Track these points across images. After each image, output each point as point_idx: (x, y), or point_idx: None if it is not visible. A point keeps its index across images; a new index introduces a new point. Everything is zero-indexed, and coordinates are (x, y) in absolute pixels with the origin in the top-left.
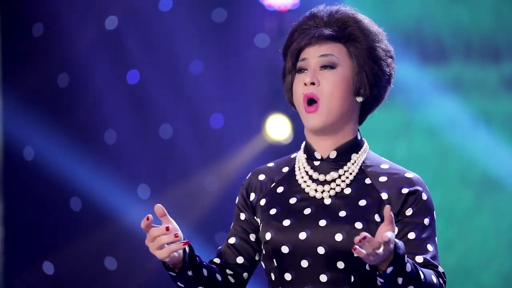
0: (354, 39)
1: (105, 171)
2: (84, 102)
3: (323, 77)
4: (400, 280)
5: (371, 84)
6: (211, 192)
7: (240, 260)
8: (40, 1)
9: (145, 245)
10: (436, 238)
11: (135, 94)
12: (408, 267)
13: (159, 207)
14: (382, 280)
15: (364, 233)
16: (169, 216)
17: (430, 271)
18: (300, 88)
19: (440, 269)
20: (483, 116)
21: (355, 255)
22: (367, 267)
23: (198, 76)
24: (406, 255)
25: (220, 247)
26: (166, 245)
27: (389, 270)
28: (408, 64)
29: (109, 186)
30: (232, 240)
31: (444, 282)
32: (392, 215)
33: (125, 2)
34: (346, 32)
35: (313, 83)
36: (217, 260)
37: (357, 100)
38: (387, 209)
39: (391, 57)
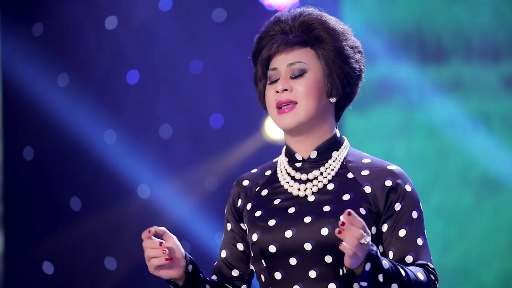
0: (321, 41)
1: (105, 170)
2: (84, 102)
3: (295, 83)
4: (381, 277)
5: (342, 84)
6: (211, 191)
7: (235, 273)
8: (40, 1)
9: None
10: (425, 230)
11: (135, 94)
12: (386, 264)
13: (157, 229)
14: (365, 284)
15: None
16: (169, 233)
17: (418, 268)
18: (272, 96)
19: (430, 265)
20: (483, 116)
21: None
22: (343, 270)
23: (198, 76)
24: (379, 252)
25: (215, 263)
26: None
27: (368, 266)
28: (408, 64)
29: (109, 186)
30: (223, 254)
31: (435, 276)
32: (355, 214)
33: (125, 2)
34: (312, 35)
35: (286, 90)
36: (214, 278)
37: (331, 100)
38: (346, 213)
39: (359, 52)
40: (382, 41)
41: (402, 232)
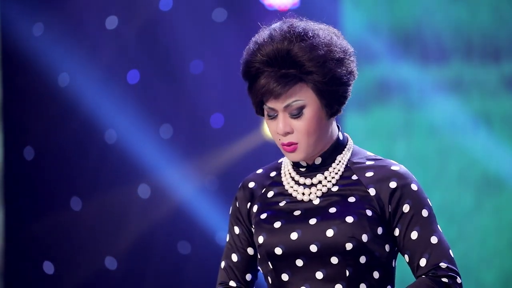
0: (311, 73)
1: (106, 170)
2: (84, 102)
3: (295, 122)
4: None
5: (340, 103)
6: (212, 191)
7: (248, 277)
8: (40, 1)
9: (145, 245)
10: (438, 225)
11: (136, 94)
12: None
13: None
14: None
15: None
16: None
17: (423, 282)
18: (276, 135)
19: (443, 264)
20: (483, 116)
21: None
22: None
23: (198, 76)
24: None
25: (222, 265)
26: None
27: None
28: (408, 64)
29: (109, 186)
30: (234, 258)
31: (449, 276)
32: None
33: (125, 2)
34: (302, 70)
35: (288, 132)
36: (233, 284)
37: (331, 119)
38: None
39: (349, 55)
40: (382, 41)
41: (414, 235)
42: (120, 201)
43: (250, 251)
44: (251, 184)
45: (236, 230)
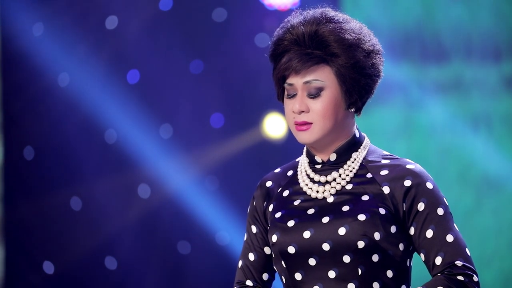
0: (336, 56)
1: (105, 170)
2: (84, 102)
3: (312, 103)
4: None
5: (360, 96)
6: (212, 191)
7: (265, 276)
8: (40, 1)
9: (145, 245)
10: (454, 224)
11: (135, 94)
12: None
13: None
14: None
15: None
16: None
17: (438, 281)
18: (291, 114)
19: (459, 262)
20: (484, 116)
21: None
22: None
23: (198, 76)
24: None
25: (240, 264)
26: None
27: None
28: (408, 64)
29: (109, 186)
30: (251, 257)
31: (465, 274)
32: None
33: (125, 2)
34: (327, 50)
35: (302, 111)
36: (249, 283)
37: (350, 110)
38: None
39: (377, 52)
40: (382, 40)
41: (429, 233)
42: (120, 201)
43: (267, 250)
44: (268, 183)
45: (253, 229)
